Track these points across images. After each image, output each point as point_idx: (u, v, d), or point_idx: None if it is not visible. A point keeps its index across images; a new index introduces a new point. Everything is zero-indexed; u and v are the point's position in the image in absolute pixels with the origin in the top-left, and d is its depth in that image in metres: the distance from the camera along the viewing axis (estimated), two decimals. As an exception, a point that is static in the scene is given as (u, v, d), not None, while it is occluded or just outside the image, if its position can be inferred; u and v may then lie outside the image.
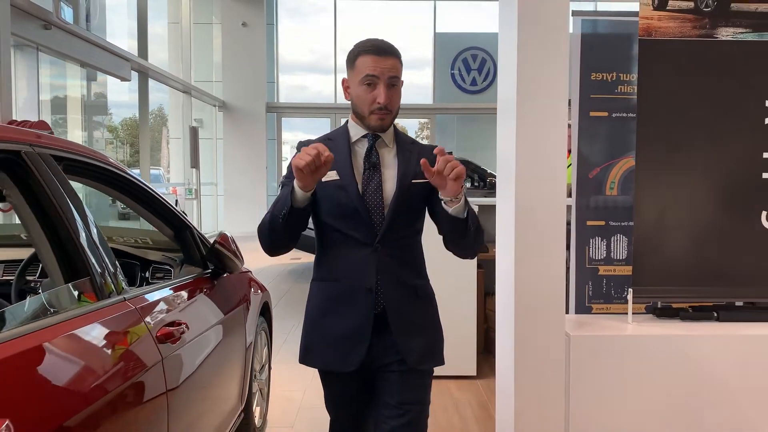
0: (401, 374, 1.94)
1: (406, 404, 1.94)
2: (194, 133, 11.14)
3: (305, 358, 2.02)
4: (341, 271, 1.94)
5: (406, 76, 2.06)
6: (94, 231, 1.75)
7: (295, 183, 1.76)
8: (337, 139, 2.00)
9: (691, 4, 2.76)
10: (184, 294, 2.26)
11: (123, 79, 9.35)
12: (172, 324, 1.97)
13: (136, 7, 10.52)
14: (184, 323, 2.03)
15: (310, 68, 16.95)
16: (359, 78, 1.90)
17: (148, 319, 1.85)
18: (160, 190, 8.74)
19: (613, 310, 3.07)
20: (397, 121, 2.12)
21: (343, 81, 2.00)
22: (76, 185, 1.84)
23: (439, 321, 2.08)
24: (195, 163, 11.44)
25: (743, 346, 2.72)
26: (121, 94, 11.05)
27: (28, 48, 6.97)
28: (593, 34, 3.06)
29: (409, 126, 16.76)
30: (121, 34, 10.83)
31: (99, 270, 1.70)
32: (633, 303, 2.83)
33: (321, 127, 15.96)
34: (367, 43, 1.94)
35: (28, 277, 2.47)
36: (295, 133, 16.70)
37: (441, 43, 15.34)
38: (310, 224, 2.02)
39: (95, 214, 2.26)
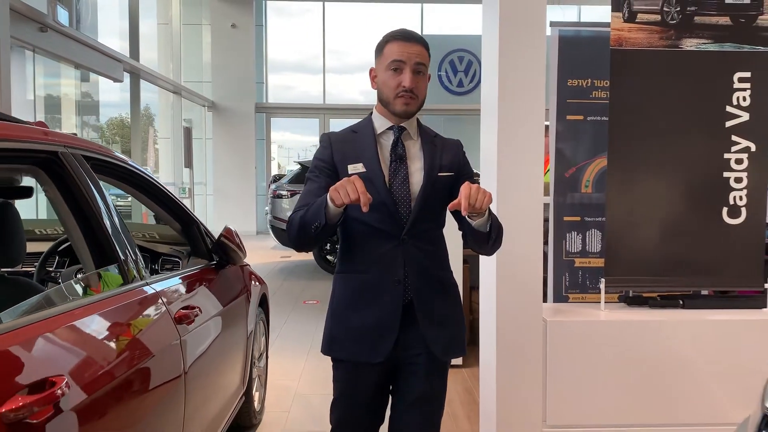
0: (426, 366, 1.96)
1: (427, 397, 1.97)
2: (188, 133, 11.29)
3: (330, 349, 2.00)
4: (368, 263, 1.94)
5: None
6: (120, 223, 1.95)
7: (329, 200, 1.75)
8: (362, 131, 2.01)
9: (658, 17, 3.00)
10: (194, 282, 2.47)
11: (115, 80, 9.48)
12: (186, 308, 2.17)
13: (127, 7, 10.64)
14: (197, 307, 2.24)
15: (298, 68, 17.10)
16: (386, 63, 1.92)
17: (166, 302, 2.06)
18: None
19: (588, 299, 3.32)
20: None
21: (371, 71, 2.01)
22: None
23: (462, 312, 2.09)
24: (189, 162, 11.59)
25: (705, 330, 2.97)
26: (107, 93, 11.17)
27: (25, 50, 7.11)
28: (570, 44, 3.31)
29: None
30: (112, 35, 10.96)
31: (124, 258, 1.91)
32: (606, 292, 3.07)
33: (310, 127, 16.13)
34: (396, 31, 1.96)
35: (48, 268, 2.67)
36: (283, 133, 16.87)
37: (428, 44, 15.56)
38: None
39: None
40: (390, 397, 2.07)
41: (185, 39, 14.79)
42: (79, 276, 1.84)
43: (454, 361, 4.64)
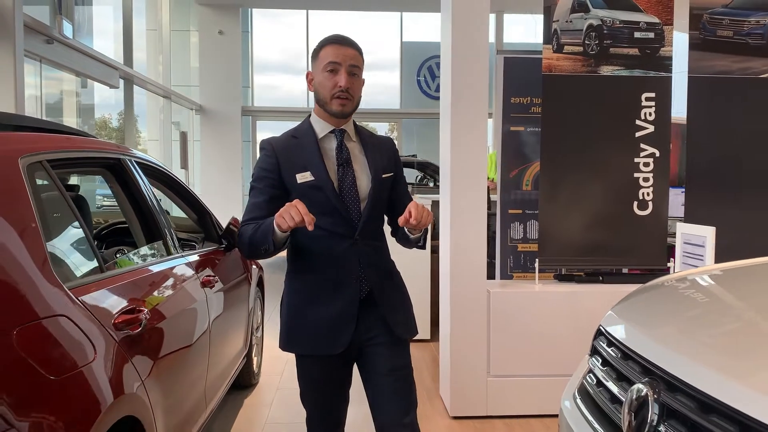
0: (387, 345, 2.06)
1: (397, 370, 2.07)
2: (184, 137, 11.92)
3: (288, 344, 2.09)
4: (324, 263, 2.01)
5: (376, 78, 2.74)
6: (161, 211, 2.64)
7: (275, 226, 1.84)
8: (303, 137, 2.05)
9: (581, 49, 3.73)
10: (210, 259, 3.15)
11: (111, 86, 10.08)
12: (208, 276, 2.86)
13: (121, 16, 11.23)
14: (216, 276, 2.93)
15: (283, 68, 17.73)
16: (322, 66, 1.99)
17: (195, 270, 2.75)
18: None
19: (529, 277, 4.05)
20: (369, 123, 2.87)
21: (308, 74, 2.07)
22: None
23: (408, 296, 2.23)
24: (184, 164, 12.22)
25: (617, 298, 3.68)
26: (102, 97, 11.72)
27: (32, 60, 7.70)
28: (512, 68, 4.03)
29: (379, 129, 17.70)
30: (107, 43, 11.52)
31: (167, 236, 2.59)
32: (540, 271, 3.79)
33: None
34: (331, 36, 2.05)
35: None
36: (266, 134, 17.51)
37: (407, 51, 16.29)
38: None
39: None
40: (350, 381, 2.17)
41: (174, 45, 15.37)
42: (144, 246, 2.50)
43: (423, 337, 5.38)
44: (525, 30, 16.20)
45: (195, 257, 2.91)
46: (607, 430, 1.66)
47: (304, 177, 1.97)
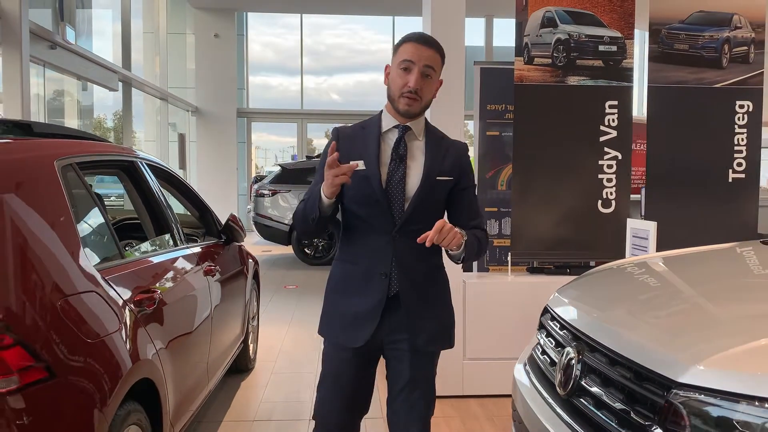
0: (410, 353, 2.03)
1: (416, 381, 2.04)
2: (182, 138, 12.26)
3: (321, 329, 2.13)
4: (360, 254, 2.02)
5: (370, 77, 2.92)
6: (168, 207, 2.97)
7: (322, 193, 1.88)
8: (369, 128, 2.06)
9: (550, 61, 4.08)
10: (211, 251, 3.49)
11: (111, 89, 10.39)
12: (209, 266, 3.20)
13: (120, 19, 11.54)
14: (217, 266, 3.27)
15: (277, 69, 18.07)
16: (398, 62, 1.97)
17: (198, 260, 3.08)
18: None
19: (503, 270, 4.39)
20: None
21: (386, 67, 2.05)
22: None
23: (452, 305, 2.18)
24: (183, 164, 12.56)
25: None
26: (93, 98, 12.02)
27: (37, 65, 8.01)
28: (489, 77, 4.38)
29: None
30: (106, 47, 11.83)
31: (173, 229, 2.93)
32: (512, 264, 4.13)
33: (288, 131, 17.11)
34: (414, 33, 2.02)
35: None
36: (260, 134, 17.84)
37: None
38: (277, 216, 2.91)
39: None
40: (373, 387, 2.16)
41: (170, 47, 15.68)
42: (155, 238, 2.84)
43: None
44: (513, 34, 16.58)
45: (198, 249, 3.25)
46: (546, 388, 2.00)
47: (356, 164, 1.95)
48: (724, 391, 1.34)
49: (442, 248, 2.00)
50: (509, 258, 4.12)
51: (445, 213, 2.11)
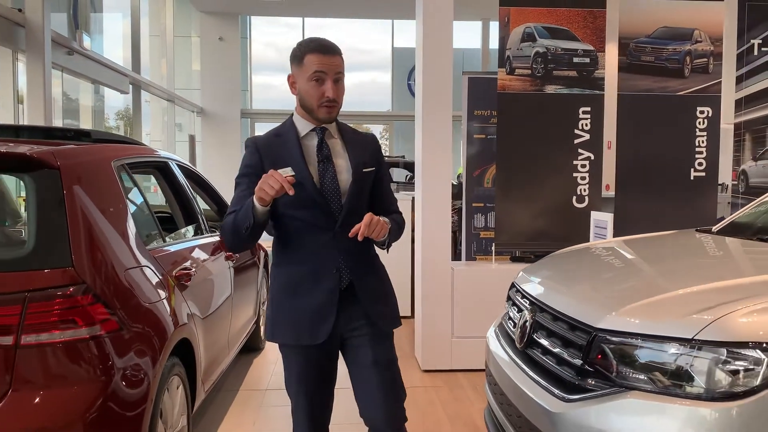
0: (370, 337, 2.11)
1: (380, 363, 2.11)
2: (192, 140, 12.76)
3: (274, 335, 2.13)
4: (306, 254, 2.05)
5: (370, 77, 3.27)
6: (195, 201, 3.46)
7: (255, 201, 1.88)
8: (285, 135, 2.10)
9: (529, 71, 4.56)
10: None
11: (122, 92, 10.87)
12: (229, 253, 3.69)
13: (129, 23, 12.03)
14: (235, 254, 3.76)
15: (279, 68, 18.53)
16: (308, 75, 2.01)
17: (220, 248, 3.58)
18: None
19: (489, 260, 4.88)
20: (363, 125, 3.46)
21: (289, 77, 2.08)
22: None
23: (392, 288, 2.26)
24: (192, 163, 13.11)
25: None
26: (104, 100, 12.50)
27: (55, 70, 8.50)
28: (476, 86, 4.86)
29: (374, 131, 18.55)
30: (116, 50, 12.31)
31: (200, 220, 3.42)
32: (496, 253, 4.62)
33: (290, 131, 17.56)
34: (313, 42, 2.05)
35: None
36: (261, 133, 18.31)
37: (399, 56, 17.14)
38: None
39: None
40: (336, 371, 2.20)
41: (177, 50, 16.16)
42: (186, 227, 3.32)
43: (403, 314, 6.20)
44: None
45: (219, 238, 3.73)
46: (508, 344, 2.49)
47: (285, 172, 1.95)
48: (628, 332, 1.83)
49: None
50: (493, 248, 4.61)
51: None
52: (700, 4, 4.65)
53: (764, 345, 1.64)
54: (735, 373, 1.65)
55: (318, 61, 2.01)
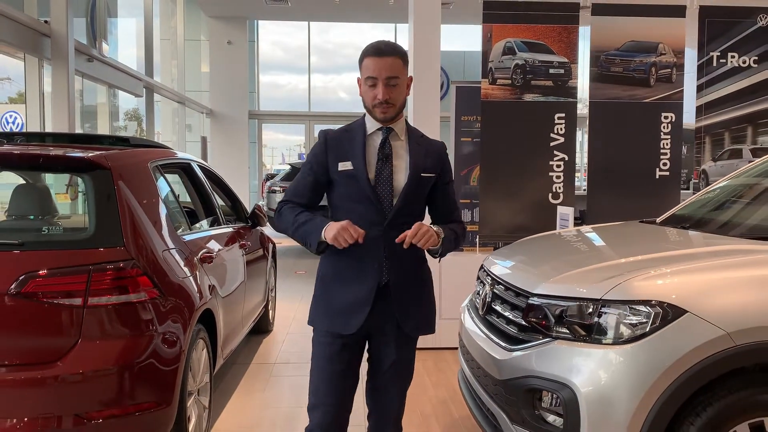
0: (396, 339, 2.20)
1: (399, 363, 2.23)
2: (204, 141, 13.33)
3: (312, 319, 2.25)
4: (353, 247, 2.05)
5: None
6: (214, 197, 4.01)
7: (324, 235, 2.04)
8: (354, 131, 2.19)
9: (510, 81, 5.09)
10: (243, 231, 4.52)
11: (137, 95, 11.44)
12: (243, 242, 4.24)
13: (143, 31, 12.60)
14: (248, 243, 4.31)
15: (286, 68, 19.08)
16: (363, 78, 2.12)
17: (235, 237, 4.12)
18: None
19: (473, 251, 5.41)
20: None
21: (358, 80, 2.17)
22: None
23: (434, 296, 2.33)
24: (206, 164, 13.68)
25: (535, 264, 5.08)
26: (119, 103, 13.07)
27: (77, 77, 9.07)
28: (463, 94, 5.39)
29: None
30: (130, 55, 12.89)
31: (218, 214, 3.97)
32: (480, 245, 5.15)
33: (296, 130, 18.17)
34: (370, 47, 2.13)
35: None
36: (268, 133, 18.93)
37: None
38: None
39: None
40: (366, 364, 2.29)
41: (187, 53, 16.75)
42: (206, 218, 3.87)
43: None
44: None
45: (233, 229, 4.29)
46: (474, 313, 3.02)
47: (344, 166, 2.10)
48: (555, 295, 2.37)
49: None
50: (477, 240, 5.13)
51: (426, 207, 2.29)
52: (664, 20, 5.17)
53: (652, 302, 2.17)
54: (632, 324, 2.18)
55: (371, 65, 2.10)
